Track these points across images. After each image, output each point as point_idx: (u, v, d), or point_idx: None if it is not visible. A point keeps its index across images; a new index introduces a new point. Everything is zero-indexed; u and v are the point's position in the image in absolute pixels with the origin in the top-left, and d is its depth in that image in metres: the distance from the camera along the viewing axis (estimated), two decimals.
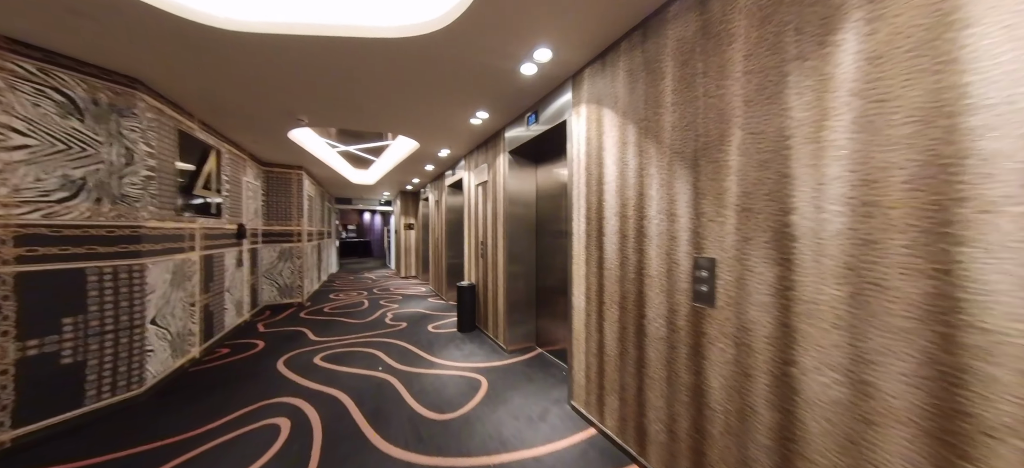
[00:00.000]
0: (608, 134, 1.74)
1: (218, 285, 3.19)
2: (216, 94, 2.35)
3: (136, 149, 2.04)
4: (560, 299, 2.81)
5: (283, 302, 4.83)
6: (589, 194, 1.89)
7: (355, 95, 2.35)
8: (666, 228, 1.41)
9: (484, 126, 3.01)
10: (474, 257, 3.88)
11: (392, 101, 2.46)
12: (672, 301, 1.38)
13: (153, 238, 2.17)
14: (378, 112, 2.68)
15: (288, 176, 4.89)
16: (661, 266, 1.44)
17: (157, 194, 2.23)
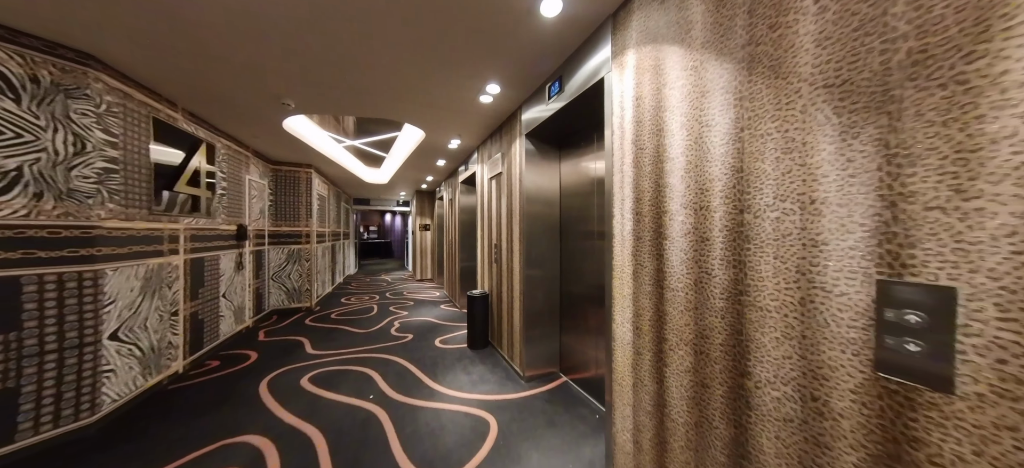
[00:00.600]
0: (673, 86, 1.16)
1: (211, 291, 2.95)
2: (193, 78, 2.04)
3: (90, 136, 1.75)
4: (590, 311, 2.24)
5: (291, 307, 4.63)
6: (639, 178, 1.31)
7: (344, 70, 1.94)
8: (798, 226, 0.82)
9: (496, 105, 2.51)
10: (487, 262, 3.39)
11: (387, 76, 2.03)
12: (815, 357, 0.79)
13: (114, 240, 1.89)
14: (373, 91, 2.26)
15: (297, 175, 4.69)
16: (785, 291, 0.84)
17: (122, 189, 1.95)
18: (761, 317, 0.90)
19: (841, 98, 0.74)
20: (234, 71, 1.99)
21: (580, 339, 2.37)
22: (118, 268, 1.91)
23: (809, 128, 0.79)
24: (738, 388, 0.95)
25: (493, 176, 3.15)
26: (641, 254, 1.31)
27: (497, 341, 3.10)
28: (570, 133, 2.36)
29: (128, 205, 1.99)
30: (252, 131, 3.18)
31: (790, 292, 0.83)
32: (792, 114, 0.83)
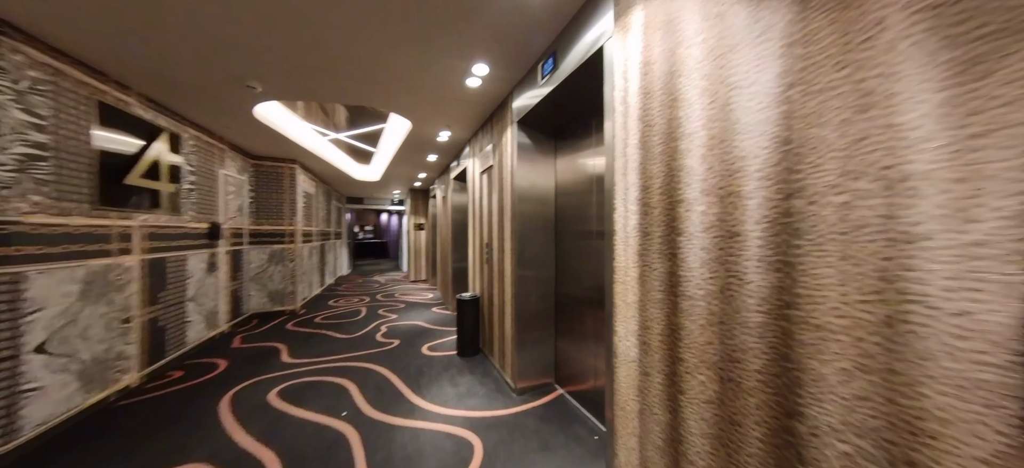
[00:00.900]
0: (691, 44, 0.92)
1: (175, 294, 2.71)
2: (144, 57, 1.80)
3: (4, 117, 1.51)
4: (589, 315, 2.00)
5: (273, 310, 4.38)
6: (647, 161, 1.08)
7: (314, 48, 1.70)
8: (880, 213, 0.58)
9: (486, 89, 2.27)
10: (479, 262, 3.15)
11: (362, 56, 1.79)
12: (912, 402, 0.55)
13: (41, 238, 1.65)
14: (349, 75, 2.02)
15: (279, 171, 4.45)
16: (860, 305, 0.61)
17: (52, 180, 1.70)
18: (820, 339, 0.66)
19: (959, 20, 0.50)
20: (190, 49, 1.75)
21: (577, 346, 2.13)
22: (46, 270, 1.66)
23: (899, 73, 0.55)
24: (784, 432, 0.72)
25: (484, 170, 2.92)
26: (649, 254, 1.07)
27: (488, 348, 2.86)
28: (567, 121, 2.13)
29: (61, 198, 1.75)
30: (223, 121, 2.94)
31: (867, 307, 0.59)
32: (870, 56, 0.59)
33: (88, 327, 1.89)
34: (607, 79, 1.27)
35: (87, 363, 1.88)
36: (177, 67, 1.97)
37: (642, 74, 1.11)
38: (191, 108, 2.63)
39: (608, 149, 1.26)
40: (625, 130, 1.18)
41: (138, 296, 2.28)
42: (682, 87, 0.95)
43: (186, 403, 2.12)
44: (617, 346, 1.22)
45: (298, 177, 4.64)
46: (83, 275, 1.86)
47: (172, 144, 2.62)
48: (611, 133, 1.25)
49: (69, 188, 1.80)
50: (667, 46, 1.01)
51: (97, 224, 1.96)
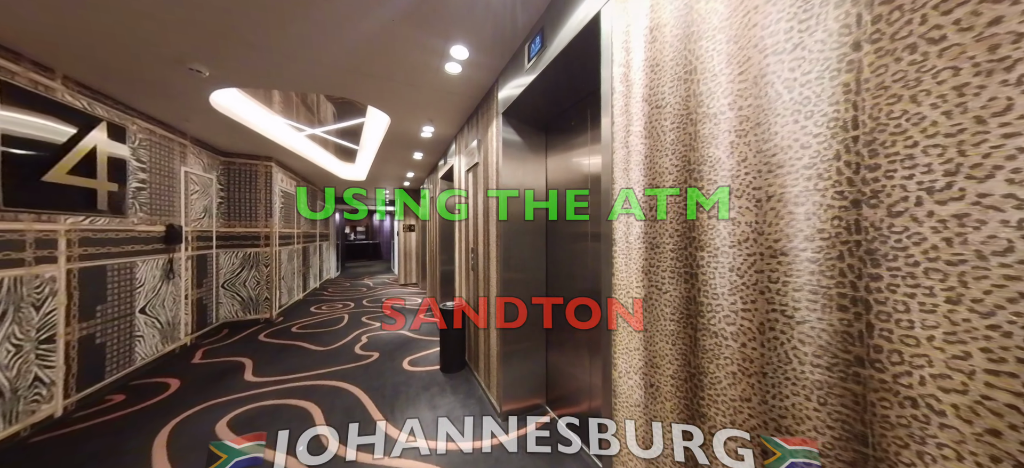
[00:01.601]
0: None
1: (119, 306, 2.40)
2: (62, 30, 1.52)
3: None
4: (583, 323, 1.76)
5: (246, 319, 4.07)
6: (655, 152, 0.84)
7: (266, 22, 1.44)
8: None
9: (468, 77, 2.02)
10: (464, 269, 2.90)
11: (325, 35, 1.53)
12: None
13: None
14: (311, 58, 1.76)
15: (253, 168, 4.14)
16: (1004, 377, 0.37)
17: None
18: (915, 418, 0.42)
19: None
20: (112, 22, 1.47)
21: (572, 360, 1.89)
22: None
23: None
24: None
25: (469, 168, 2.66)
26: (658, 271, 0.84)
27: (474, 363, 2.60)
28: (558, 113, 1.88)
29: None
30: (176, 110, 2.64)
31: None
32: None
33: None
34: (605, 53, 1.03)
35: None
36: (104, 46, 1.68)
37: (648, 42, 0.87)
38: (135, 96, 2.33)
39: (606, 140, 1.02)
40: (627, 115, 0.94)
41: (64, 311, 1.97)
42: (703, 53, 0.72)
43: (118, 436, 1.83)
44: (617, 384, 0.97)
45: (275, 175, 4.33)
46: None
47: (113, 136, 2.31)
48: (609, 120, 1.01)
49: None
50: (681, 3, 0.77)
51: (2, 229, 1.66)
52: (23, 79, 1.75)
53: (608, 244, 1.01)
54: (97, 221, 2.20)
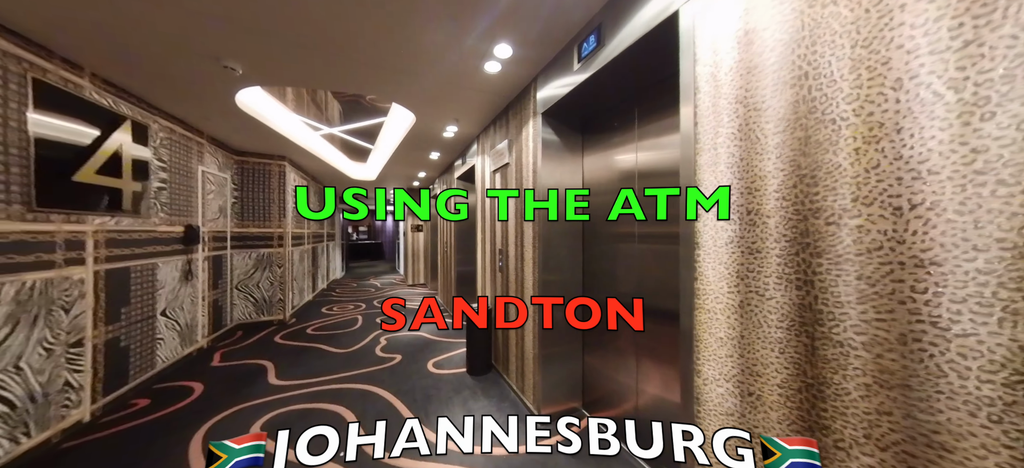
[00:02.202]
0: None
1: (142, 309, 2.35)
2: (97, 26, 1.47)
3: None
4: (624, 326, 1.73)
5: (260, 320, 4.01)
6: (751, 156, 0.81)
7: (308, 21, 1.40)
8: None
9: (505, 76, 1.99)
10: (489, 270, 2.87)
11: (366, 34, 1.49)
12: None
13: None
14: (347, 56, 1.72)
15: (267, 168, 4.08)
16: None
17: None
18: None
19: None
20: (154, 19, 1.42)
21: (613, 362, 1.87)
22: None
23: None
24: None
25: (497, 169, 2.63)
26: (759, 277, 0.81)
27: (502, 366, 2.58)
28: (600, 111, 1.86)
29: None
30: (200, 109, 2.58)
31: None
32: None
33: (21, 356, 1.54)
34: (685, 51, 1.01)
35: (19, 401, 1.53)
36: (139, 42, 1.63)
37: (743, 45, 0.85)
38: (160, 94, 2.27)
39: (686, 141, 1.00)
40: (715, 117, 0.92)
41: (91, 314, 1.92)
42: (817, 58, 0.69)
43: (149, 441, 1.78)
44: (701, 391, 0.95)
45: (288, 175, 4.27)
46: (13, 294, 1.51)
47: (137, 135, 2.26)
48: (690, 121, 0.99)
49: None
50: (791, 6, 0.75)
51: (34, 230, 1.61)
52: (54, 76, 1.70)
53: (690, 247, 0.98)
54: (122, 221, 2.14)
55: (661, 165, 1.51)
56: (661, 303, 1.51)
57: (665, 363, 1.51)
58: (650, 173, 1.57)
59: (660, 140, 1.51)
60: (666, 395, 1.51)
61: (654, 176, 1.55)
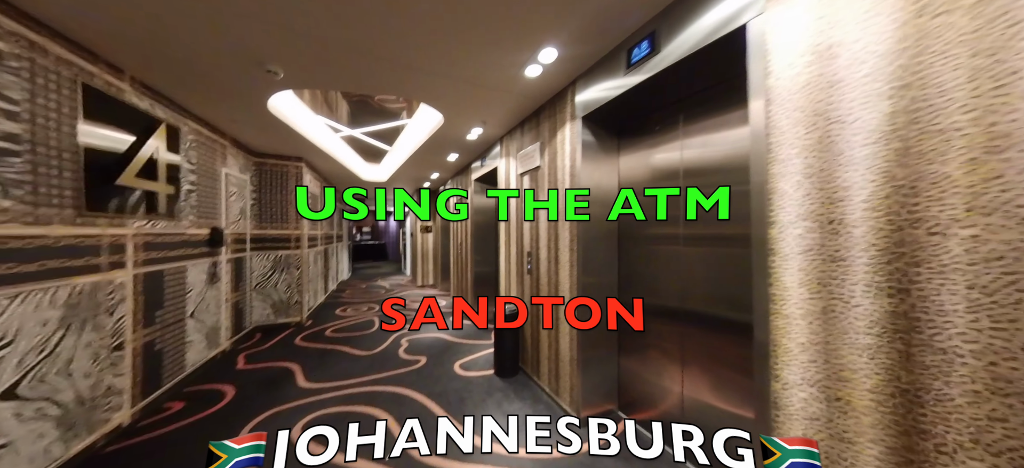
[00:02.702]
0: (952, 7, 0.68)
1: (174, 312, 2.34)
2: (144, 32, 1.47)
3: None
4: (666, 331, 1.75)
5: (277, 322, 4.00)
6: (833, 166, 0.82)
7: (357, 23, 1.41)
8: None
9: (544, 80, 2.01)
10: (515, 272, 2.88)
11: (410, 38, 1.50)
12: None
13: (14, 254, 1.30)
14: (389, 60, 1.73)
15: (285, 169, 4.08)
16: None
17: (27, 180, 1.36)
18: None
19: None
20: (202, 23, 1.43)
21: (653, 365, 1.89)
22: (20, 294, 1.32)
23: None
24: None
25: (526, 171, 2.65)
26: (843, 284, 0.83)
27: (531, 367, 2.59)
28: (643, 115, 1.87)
29: (38, 203, 1.40)
30: (230, 113, 2.59)
31: None
32: None
33: (72, 360, 1.54)
34: (755, 65, 1.03)
35: (69, 405, 1.53)
36: (187, 46, 1.63)
37: (822, 60, 0.87)
38: (194, 97, 2.28)
39: (758, 152, 1.02)
40: (791, 128, 0.93)
41: (131, 318, 1.92)
42: (923, 69, 0.71)
43: (193, 444, 1.79)
44: (779, 396, 0.97)
45: (305, 176, 4.27)
46: (66, 297, 1.51)
47: (170, 139, 2.26)
48: (762, 131, 1.01)
49: (49, 190, 1.45)
50: (890, 18, 0.76)
51: (85, 234, 1.61)
52: (100, 81, 1.70)
53: (764, 253, 1.00)
54: (157, 225, 2.14)
55: (710, 163, 1.52)
56: (712, 308, 1.52)
57: (718, 368, 1.52)
58: (698, 171, 1.58)
59: (710, 138, 1.52)
60: (717, 401, 1.53)
61: (703, 174, 1.56)
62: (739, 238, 1.37)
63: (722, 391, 1.50)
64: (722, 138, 1.47)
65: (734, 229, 1.39)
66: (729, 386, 1.47)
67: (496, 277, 4.42)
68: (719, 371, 1.51)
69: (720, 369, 1.51)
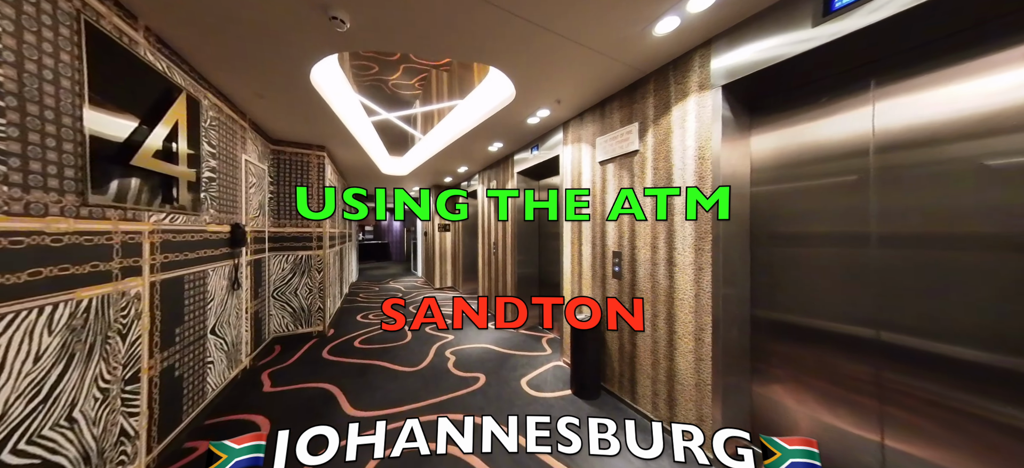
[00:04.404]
0: None
1: (195, 328, 1.90)
2: None
3: None
4: (830, 355, 1.38)
5: (298, 332, 3.55)
6: None
7: None
8: None
9: (664, 44, 1.63)
10: (590, 273, 2.51)
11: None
12: None
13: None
14: (474, 11, 1.33)
15: (305, 159, 3.62)
16: None
17: (14, 152, 0.93)
18: None
19: None
20: None
21: (798, 395, 1.54)
22: (5, 316, 0.89)
23: None
24: None
25: (611, 159, 2.27)
26: None
27: (619, 386, 2.22)
28: (809, 81, 1.50)
29: (29, 185, 0.97)
30: (260, 85, 2.14)
31: None
32: None
33: (74, 403, 1.11)
34: None
35: (73, 462, 1.10)
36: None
37: None
38: (219, 62, 1.83)
39: None
40: None
41: (148, 339, 1.48)
42: None
43: None
44: None
45: (326, 168, 3.82)
46: (67, 318, 1.08)
47: (191, 112, 1.81)
48: None
49: (42, 169, 1.01)
50: None
51: (90, 230, 1.17)
52: (108, 25, 1.26)
53: None
54: (176, 219, 1.70)
55: (943, 124, 1.14)
56: (951, 344, 1.14)
57: (948, 416, 1.14)
58: (913, 139, 1.20)
59: (942, 93, 1.14)
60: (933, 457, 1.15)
61: (920, 143, 1.18)
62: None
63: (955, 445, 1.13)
64: (969, 90, 1.09)
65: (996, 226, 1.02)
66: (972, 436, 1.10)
67: (540, 278, 4.06)
68: (950, 418, 1.13)
69: (952, 416, 1.12)
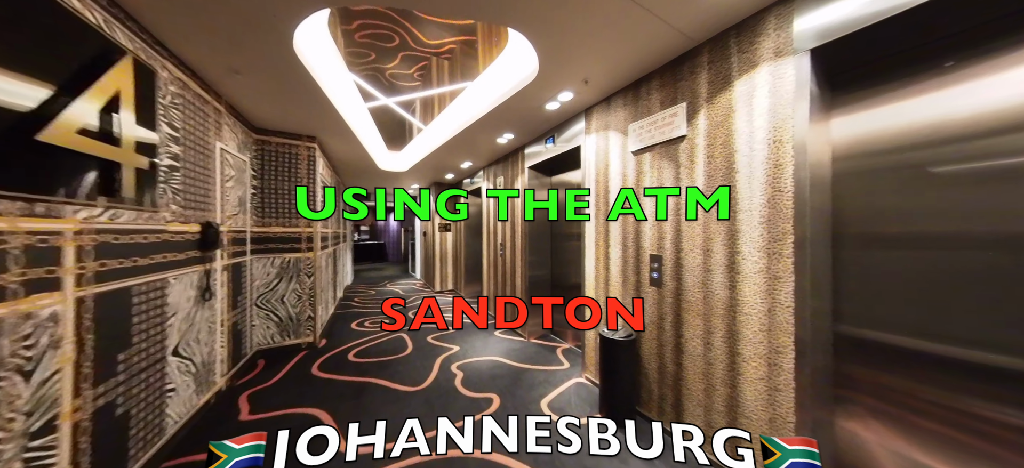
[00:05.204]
0: None
1: (148, 353, 1.53)
2: None
3: None
4: (955, 389, 1.07)
5: (285, 344, 3.18)
6: None
7: None
8: None
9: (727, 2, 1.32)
10: (620, 282, 2.20)
11: None
12: None
13: None
14: None
15: (294, 151, 3.25)
16: None
17: None
18: None
19: None
20: None
21: (900, 436, 1.23)
22: None
23: None
24: None
25: (648, 148, 1.96)
26: None
27: (661, 412, 1.90)
28: (920, 42, 1.19)
29: None
30: (232, 56, 1.78)
31: None
32: None
33: None
34: None
35: None
36: None
37: None
38: (178, 20, 1.47)
39: None
40: None
41: (71, 376, 1.12)
42: None
43: None
44: None
45: (318, 162, 3.45)
46: None
47: (140, 83, 1.45)
48: None
49: None
50: None
51: None
52: None
53: None
54: (119, 216, 1.34)
55: None
56: None
57: None
58: None
59: None
60: None
61: None
62: None
63: None
64: None
65: None
66: None
67: (552, 280, 3.74)
68: None
69: None
